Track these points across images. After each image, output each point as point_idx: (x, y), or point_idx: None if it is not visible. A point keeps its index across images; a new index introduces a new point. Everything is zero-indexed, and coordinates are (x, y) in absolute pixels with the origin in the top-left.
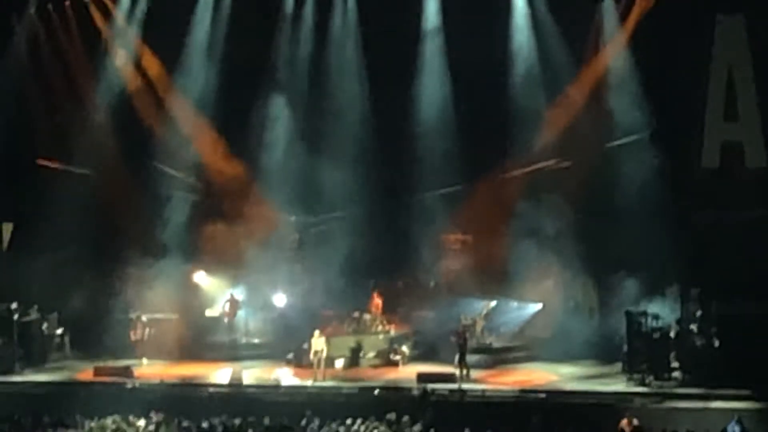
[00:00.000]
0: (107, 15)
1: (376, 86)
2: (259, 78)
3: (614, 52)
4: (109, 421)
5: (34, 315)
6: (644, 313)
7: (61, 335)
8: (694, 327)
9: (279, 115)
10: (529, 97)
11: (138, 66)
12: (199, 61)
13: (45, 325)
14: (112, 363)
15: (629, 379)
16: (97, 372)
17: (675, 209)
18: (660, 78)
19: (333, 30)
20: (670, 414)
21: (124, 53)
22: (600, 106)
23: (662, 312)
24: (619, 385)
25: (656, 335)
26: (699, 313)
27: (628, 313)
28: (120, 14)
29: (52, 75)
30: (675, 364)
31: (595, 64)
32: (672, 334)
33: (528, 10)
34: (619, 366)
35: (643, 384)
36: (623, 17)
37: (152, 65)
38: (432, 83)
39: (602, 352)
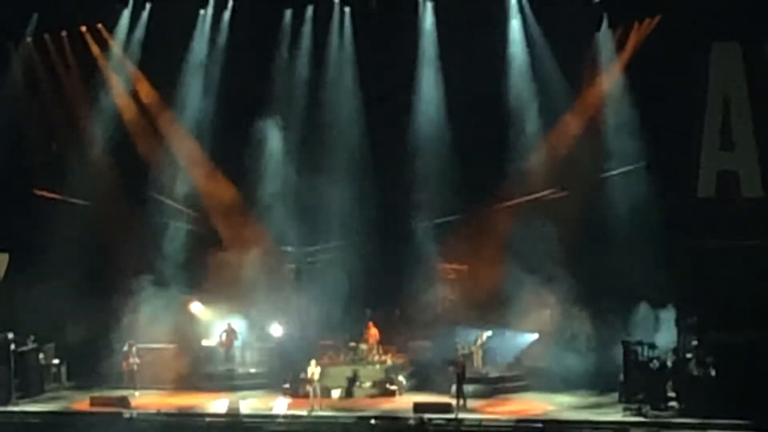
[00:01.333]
0: (104, 44)
1: (373, 116)
2: (256, 106)
3: (611, 80)
4: None
5: (30, 345)
6: (640, 343)
7: (58, 365)
8: (690, 356)
9: (275, 145)
10: (526, 127)
11: (134, 95)
12: (196, 89)
13: (41, 355)
14: (108, 393)
15: (626, 409)
16: (94, 402)
17: (671, 238)
18: (656, 107)
19: (330, 59)
20: None
21: (120, 82)
22: (596, 134)
23: (659, 341)
24: (615, 415)
25: (653, 365)
26: (695, 342)
27: (624, 343)
28: (116, 43)
29: (49, 105)
30: (671, 394)
31: (592, 92)
32: (669, 364)
33: (525, 39)
34: (615, 396)
35: (639, 414)
36: (620, 46)
37: (148, 94)
38: (428, 113)
39: (599, 382)
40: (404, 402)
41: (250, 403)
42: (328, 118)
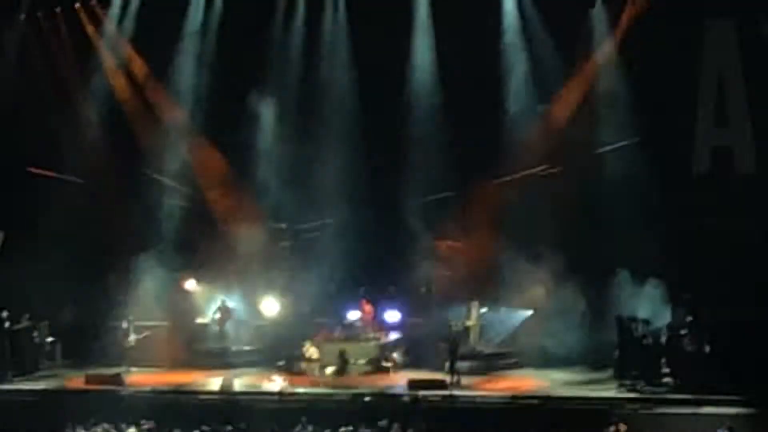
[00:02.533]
0: (97, 21)
1: (367, 91)
2: (250, 83)
3: (604, 57)
4: (99, 429)
5: (25, 323)
6: (635, 319)
7: (53, 343)
8: (685, 332)
9: (269, 121)
10: (519, 103)
11: (128, 71)
12: (190, 66)
13: (36, 333)
14: (103, 371)
15: (620, 385)
16: (89, 380)
17: (665, 214)
18: (650, 83)
19: (324, 34)
20: (660, 419)
21: (114, 59)
22: (590, 111)
23: (653, 318)
24: (610, 391)
25: (647, 341)
26: (690, 318)
27: (618, 319)
28: (110, 20)
29: (43, 82)
30: (666, 370)
31: (586, 68)
32: (663, 340)
33: (518, 16)
34: (610, 372)
35: (634, 390)
36: (613, 23)
37: (142, 70)
38: (422, 88)
39: (593, 358)
40: (398, 379)
41: (244, 381)
42: (323, 92)
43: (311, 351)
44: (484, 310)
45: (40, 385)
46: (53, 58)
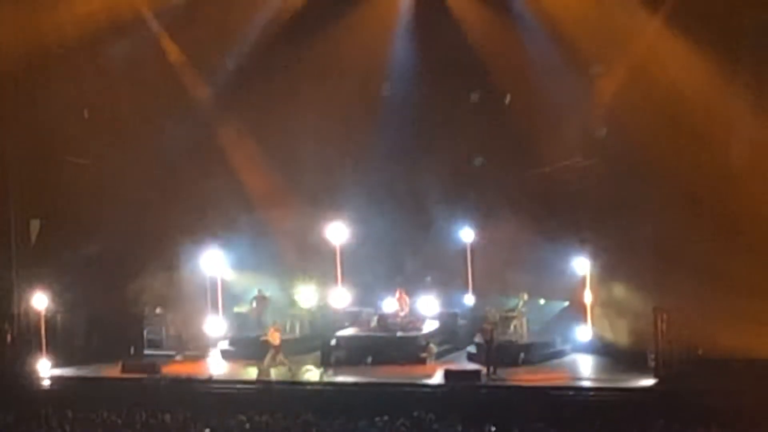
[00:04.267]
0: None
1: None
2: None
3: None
4: (135, 417)
5: (62, 311)
6: None
7: (89, 331)
8: None
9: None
10: (553, 95)
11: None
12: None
13: (73, 321)
14: (139, 360)
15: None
16: (125, 368)
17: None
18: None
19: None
20: None
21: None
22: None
23: None
24: (646, 381)
25: None
26: None
27: (656, 309)
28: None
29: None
30: None
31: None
32: None
33: None
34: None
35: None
36: (652, 12)
37: (174, 53)
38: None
39: (629, 349)
40: (435, 369)
41: (281, 370)
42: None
43: (275, 335)
44: (519, 302)
45: (77, 373)
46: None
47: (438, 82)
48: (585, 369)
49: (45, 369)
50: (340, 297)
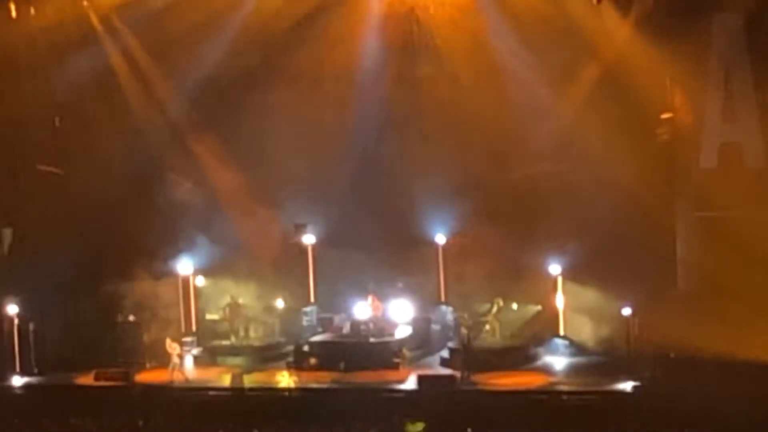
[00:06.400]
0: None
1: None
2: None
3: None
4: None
5: (34, 319)
6: None
7: (62, 339)
8: None
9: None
10: (530, 98)
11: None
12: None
13: (45, 329)
14: (113, 368)
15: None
16: (98, 376)
17: (675, 209)
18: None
19: None
20: None
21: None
22: (598, 105)
23: None
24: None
25: None
26: None
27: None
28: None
29: (51, 78)
30: None
31: (593, 63)
32: None
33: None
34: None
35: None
36: (622, 17)
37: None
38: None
39: (604, 353)
40: (408, 375)
41: (254, 377)
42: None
43: (174, 346)
44: (494, 306)
45: (49, 382)
46: (59, 50)
47: (409, 87)
48: (558, 373)
49: (17, 377)
50: (314, 303)
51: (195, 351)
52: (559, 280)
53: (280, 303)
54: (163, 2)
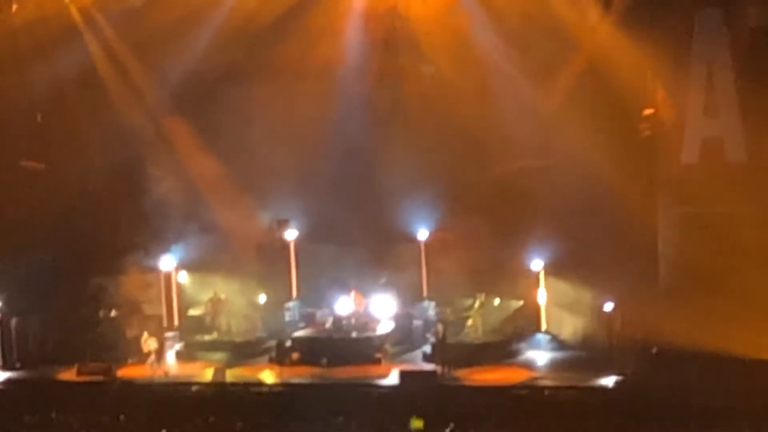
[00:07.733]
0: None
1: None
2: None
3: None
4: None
5: (16, 314)
6: None
7: (44, 334)
8: None
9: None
10: (512, 94)
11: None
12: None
13: (27, 325)
14: (94, 363)
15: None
16: (80, 371)
17: (656, 204)
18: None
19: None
20: None
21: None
22: (579, 101)
23: None
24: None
25: None
26: None
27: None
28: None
29: (31, 73)
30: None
31: (575, 58)
32: None
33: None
34: (600, 361)
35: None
36: (605, 10)
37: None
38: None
39: (585, 348)
40: (390, 370)
41: (235, 372)
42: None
43: (149, 342)
44: (476, 301)
45: (31, 377)
46: (42, 47)
47: (392, 82)
48: (540, 368)
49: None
50: (297, 298)
51: (177, 346)
52: (541, 275)
53: (262, 298)
54: None
